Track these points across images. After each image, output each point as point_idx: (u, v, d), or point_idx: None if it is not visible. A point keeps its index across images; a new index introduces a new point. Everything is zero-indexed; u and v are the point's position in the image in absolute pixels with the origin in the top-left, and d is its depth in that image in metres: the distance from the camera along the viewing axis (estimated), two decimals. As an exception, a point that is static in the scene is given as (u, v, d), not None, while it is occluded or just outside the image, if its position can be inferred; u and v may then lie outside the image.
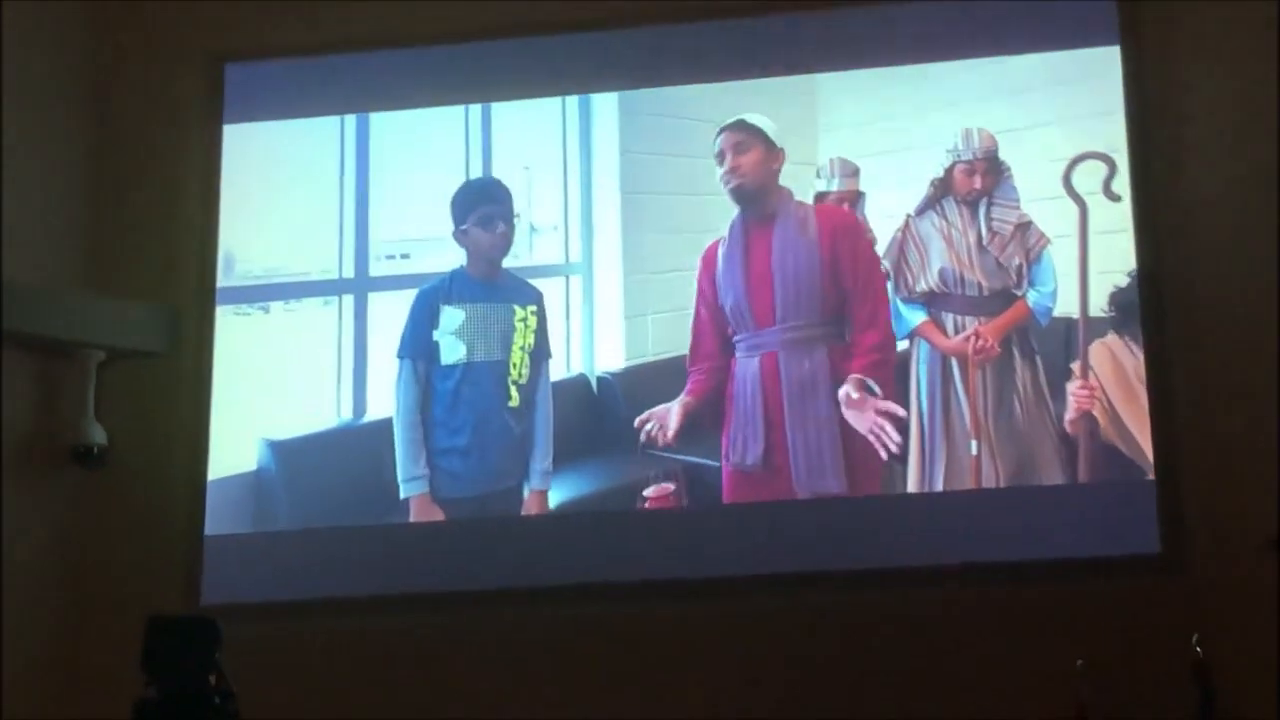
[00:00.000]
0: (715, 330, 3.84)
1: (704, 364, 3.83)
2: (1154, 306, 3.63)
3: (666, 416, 3.80)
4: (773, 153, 3.87)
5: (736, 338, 3.83)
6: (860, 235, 3.83)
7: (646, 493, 3.79)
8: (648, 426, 3.79)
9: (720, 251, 3.87)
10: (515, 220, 3.97)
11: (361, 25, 4.11)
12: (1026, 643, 3.51)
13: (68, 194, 4.09)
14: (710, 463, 3.78)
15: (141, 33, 4.22)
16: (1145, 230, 3.66)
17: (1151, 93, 3.72)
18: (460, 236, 3.94)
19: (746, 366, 3.80)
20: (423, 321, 3.89)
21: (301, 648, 3.74)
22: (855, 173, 3.83)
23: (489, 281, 3.93)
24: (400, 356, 3.89)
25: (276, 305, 4.04)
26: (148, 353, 3.99)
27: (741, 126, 3.89)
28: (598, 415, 3.91)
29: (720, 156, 3.89)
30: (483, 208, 3.95)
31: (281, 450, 3.91)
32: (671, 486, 3.78)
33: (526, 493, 3.84)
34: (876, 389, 3.71)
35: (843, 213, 3.86)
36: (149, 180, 4.13)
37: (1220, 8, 3.75)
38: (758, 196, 3.87)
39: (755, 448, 3.75)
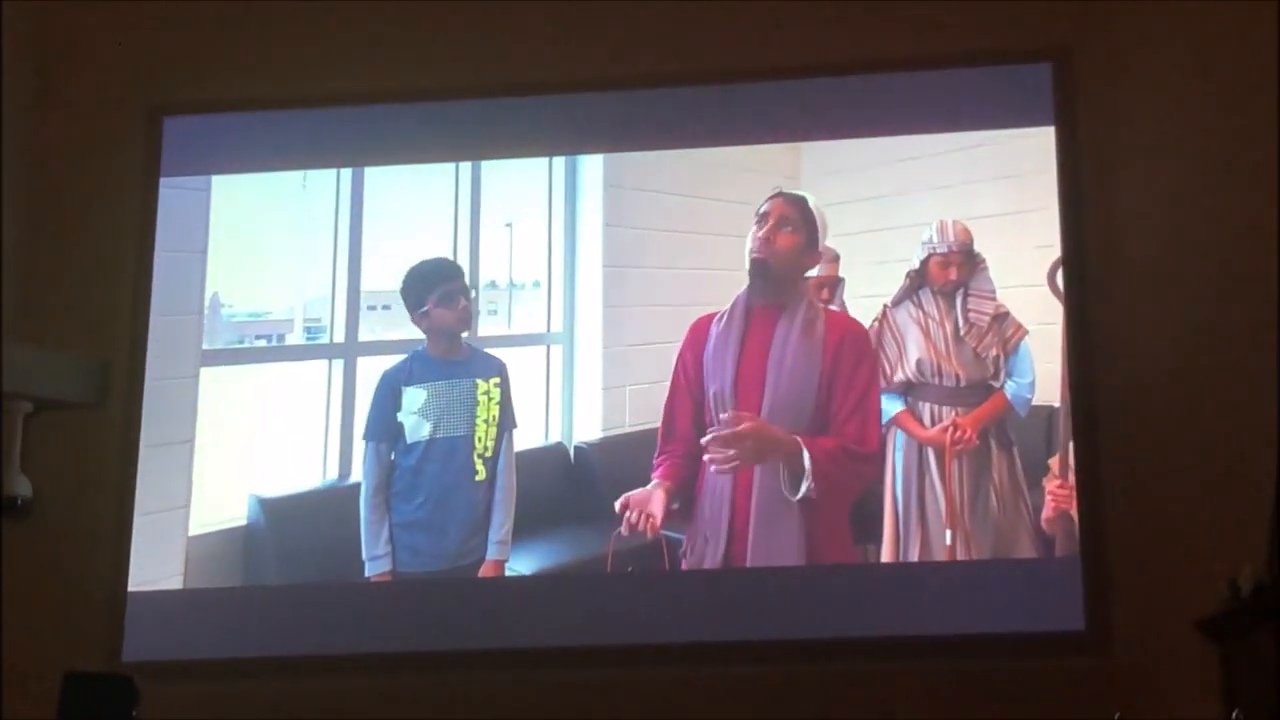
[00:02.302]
0: (692, 411, 3.74)
1: (677, 447, 3.74)
2: (1086, 384, 3.61)
3: (648, 503, 3.68)
4: (811, 251, 3.73)
5: (713, 429, 3.71)
6: (868, 352, 3.70)
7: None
8: (629, 515, 3.68)
9: (714, 328, 3.74)
10: (488, 291, 3.96)
11: (307, 82, 4.11)
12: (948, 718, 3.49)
13: (-1, 243, 4.06)
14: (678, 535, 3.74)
15: (79, 85, 4.20)
16: (1076, 320, 3.64)
17: (1086, 179, 3.73)
18: (420, 319, 3.92)
19: None
20: (385, 404, 3.89)
21: (228, 707, 3.69)
22: (835, 258, 3.78)
23: (450, 358, 3.91)
24: (365, 439, 3.89)
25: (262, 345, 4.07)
26: (76, 404, 3.96)
27: (799, 204, 3.75)
28: (573, 484, 3.90)
29: (762, 218, 3.75)
30: (442, 286, 3.93)
31: (270, 507, 3.91)
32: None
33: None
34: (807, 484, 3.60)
35: (855, 325, 3.74)
36: (83, 232, 4.11)
37: (1159, 88, 3.74)
38: (774, 281, 3.73)
39: (714, 555, 3.66)
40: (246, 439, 3.96)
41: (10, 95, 4.08)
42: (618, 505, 3.72)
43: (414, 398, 3.88)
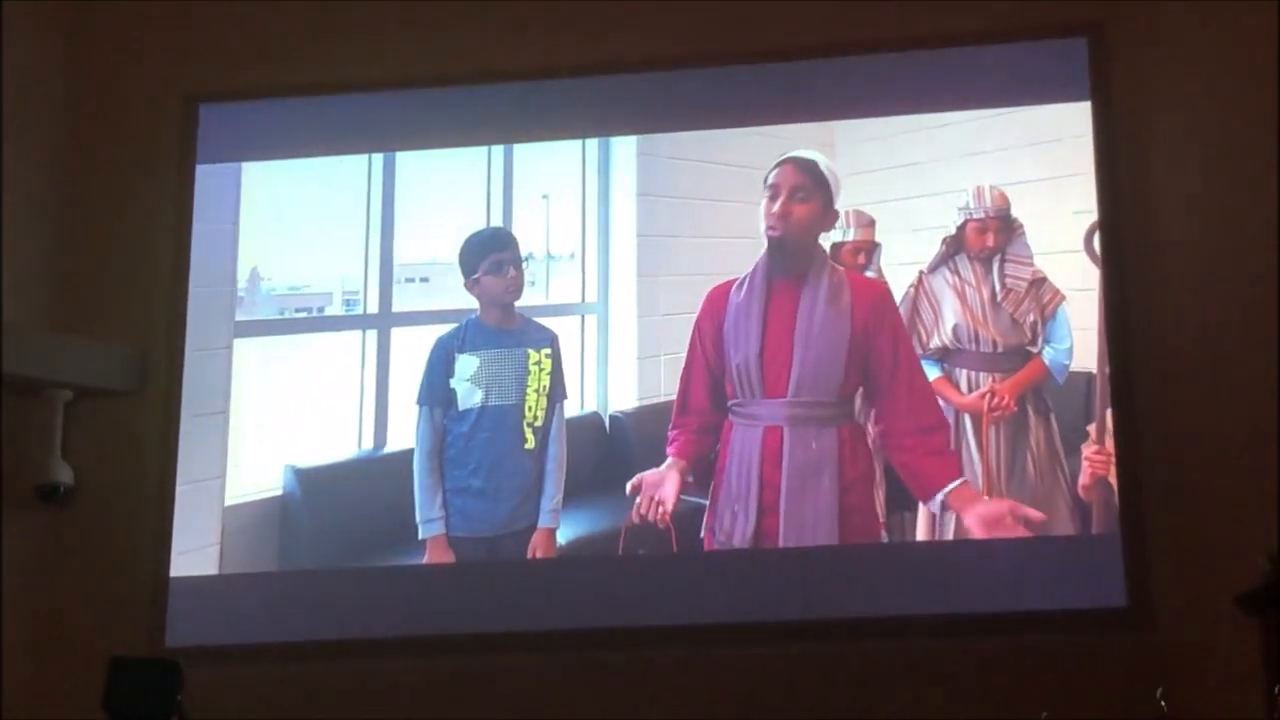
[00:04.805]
0: (710, 381, 3.72)
1: (693, 420, 3.71)
2: (1123, 358, 3.58)
3: (660, 487, 3.67)
4: (829, 213, 3.71)
5: (734, 401, 3.70)
6: (897, 314, 3.68)
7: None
8: (639, 502, 3.67)
9: (734, 298, 3.72)
10: (525, 264, 3.97)
11: (339, 68, 4.13)
12: (990, 697, 3.46)
13: (37, 232, 4.07)
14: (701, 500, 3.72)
15: (114, 73, 4.23)
16: (1115, 288, 3.61)
17: (1122, 153, 3.71)
18: (472, 286, 3.94)
19: (745, 438, 3.65)
20: (438, 370, 3.92)
21: (270, 691, 3.72)
22: (871, 223, 3.76)
23: (502, 327, 3.93)
24: (419, 404, 3.91)
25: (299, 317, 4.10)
26: (116, 392, 4.00)
27: (811, 170, 3.70)
28: (608, 453, 3.90)
29: (773, 190, 3.71)
30: (492, 255, 3.95)
31: (305, 477, 3.94)
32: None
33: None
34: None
35: (878, 285, 3.71)
36: (120, 219, 4.14)
37: (1194, 60, 3.72)
38: (792, 253, 3.71)
39: (744, 530, 3.63)
40: (281, 410, 3.99)
41: (46, 87, 4.13)
42: (629, 486, 3.71)
43: (467, 364, 3.91)
